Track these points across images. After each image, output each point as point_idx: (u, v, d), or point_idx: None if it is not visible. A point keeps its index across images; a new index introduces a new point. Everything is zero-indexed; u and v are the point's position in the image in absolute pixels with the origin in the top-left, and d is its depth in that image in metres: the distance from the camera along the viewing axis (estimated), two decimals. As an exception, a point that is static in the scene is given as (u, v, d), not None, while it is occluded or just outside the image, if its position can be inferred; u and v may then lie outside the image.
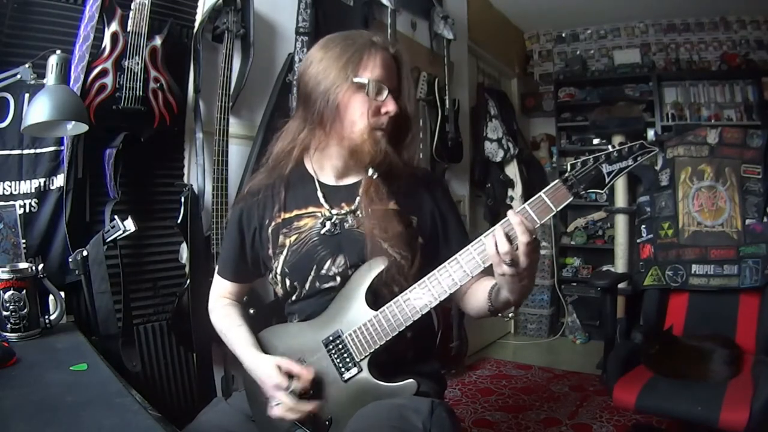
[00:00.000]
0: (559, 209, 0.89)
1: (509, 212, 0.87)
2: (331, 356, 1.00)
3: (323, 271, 1.04)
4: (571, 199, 0.90)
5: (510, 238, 0.85)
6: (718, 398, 1.61)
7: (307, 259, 1.05)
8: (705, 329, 2.04)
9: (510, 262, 0.85)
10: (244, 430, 1.07)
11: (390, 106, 1.00)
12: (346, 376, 0.99)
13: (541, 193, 0.90)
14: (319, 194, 1.08)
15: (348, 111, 1.01)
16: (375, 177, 1.05)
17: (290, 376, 0.97)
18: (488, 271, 0.92)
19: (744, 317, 2.09)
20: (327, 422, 0.98)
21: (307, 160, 1.11)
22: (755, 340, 2.01)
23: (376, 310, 0.97)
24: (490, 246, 0.86)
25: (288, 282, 1.07)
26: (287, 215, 1.08)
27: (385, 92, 1.00)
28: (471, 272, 0.91)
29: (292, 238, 1.07)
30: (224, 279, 1.19)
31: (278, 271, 1.07)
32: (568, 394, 2.78)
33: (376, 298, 1.00)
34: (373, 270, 0.99)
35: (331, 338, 1.00)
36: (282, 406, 0.95)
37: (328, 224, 1.06)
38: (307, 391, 0.97)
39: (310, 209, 1.08)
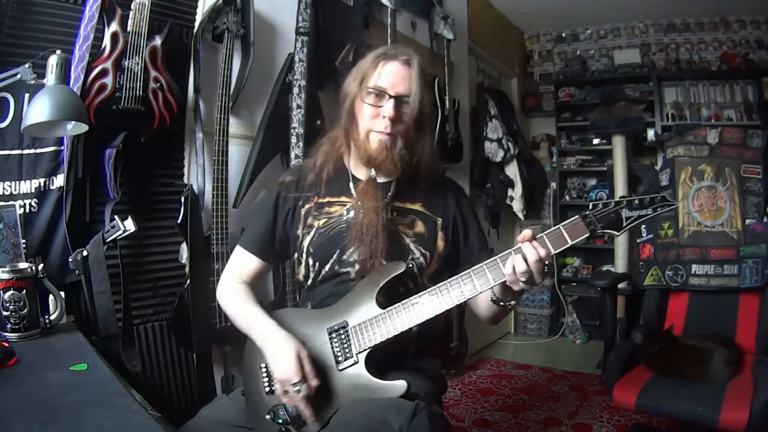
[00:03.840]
0: (573, 243, 0.95)
1: (524, 246, 0.94)
2: (332, 344, 1.04)
3: (345, 256, 1.11)
4: (587, 234, 0.95)
5: (526, 261, 0.92)
6: (718, 398, 1.61)
7: (332, 243, 1.12)
8: (705, 329, 2.04)
9: (526, 279, 0.93)
10: (244, 422, 1.08)
11: (387, 111, 1.07)
12: (342, 365, 1.02)
13: (560, 225, 0.96)
14: (351, 185, 1.16)
15: (357, 116, 1.12)
16: (373, 176, 1.13)
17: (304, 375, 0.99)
18: None
19: (744, 317, 2.09)
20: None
21: (345, 156, 1.20)
22: (755, 340, 2.01)
23: (387, 306, 1.02)
24: (508, 268, 0.94)
25: (311, 261, 1.14)
26: (320, 200, 1.17)
27: (386, 98, 1.08)
28: (480, 288, 0.97)
29: (321, 222, 1.14)
30: (248, 252, 1.20)
31: (304, 249, 1.15)
32: (568, 394, 2.78)
33: (390, 294, 1.05)
34: (389, 272, 1.05)
35: (336, 327, 1.04)
36: (289, 397, 0.98)
37: (352, 213, 1.13)
38: (310, 396, 0.99)
39: (342, 198, 1.16)
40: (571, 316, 3.96)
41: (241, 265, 1.21)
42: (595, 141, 4.25)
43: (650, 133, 4.00)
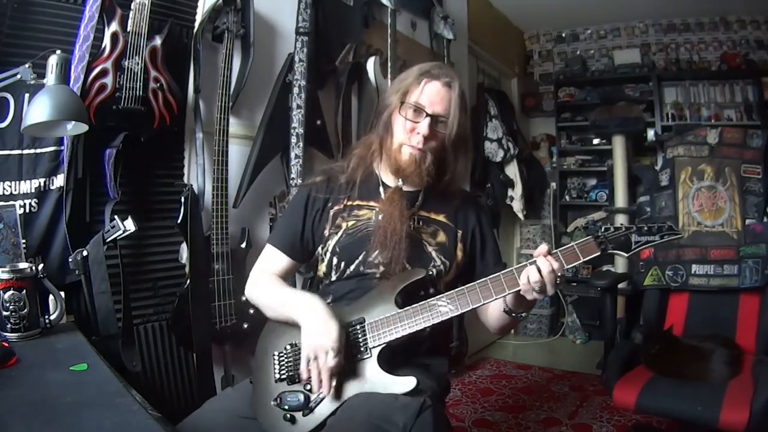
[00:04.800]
0: (585, 260, 1.02)
1: (539, 259, 0.99)
2: (348, 338, 1.06)
3: (370, 258, 1.15)
4: (598, 253, 1.02)
5: (540, 272, 0.98)
6: (718, 398, 1.61)
7: (359, 244, 1.16)
8: (705, 329, 2.04)
9: (539, 289, 0.99)
10: (249, 412, 1.09)
11: (422, 128, 1.12)
12: (355, 358, 1.05)
13: (573, 243, 1.03)
14: (381, 191, 1.21)
15: (393, 127, 1.17)
16: (400, 185, 1.18)
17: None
18: None
19: (744, 317, 2.09)
20: (320, 395, 1.03)
21: (376, 164, 1.25)
22: (755, 340, 2.01)
23: (403, 307, 1.06)
24: (523, 278, 1.00)
25: (335, 260, 1.18)
26: (350, 203, 1.21)
27: (423, 115, 1.13)
28: (495, 294, 1.03)
29: (350, 223, 1.18)
30: (277, 250, 1.25)
31: (329, 249, 1.18)
32: (568, 394, 2.78)
33: (407, 296, 1.09)
34: (409, 277, 1.10)
35: (353, 323, 1.08)
36: (315, 366, 1.00)
37: (380, 217, 1.16)
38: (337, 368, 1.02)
39: (372, 203, 1.20)
40: (571, 316, 3.96)
41: (271, 262, 1.26)
42: (595, 141, 4.25)
43: (650, 133, 4.00)
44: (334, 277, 1.19)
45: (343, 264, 1.17)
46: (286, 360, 1.10)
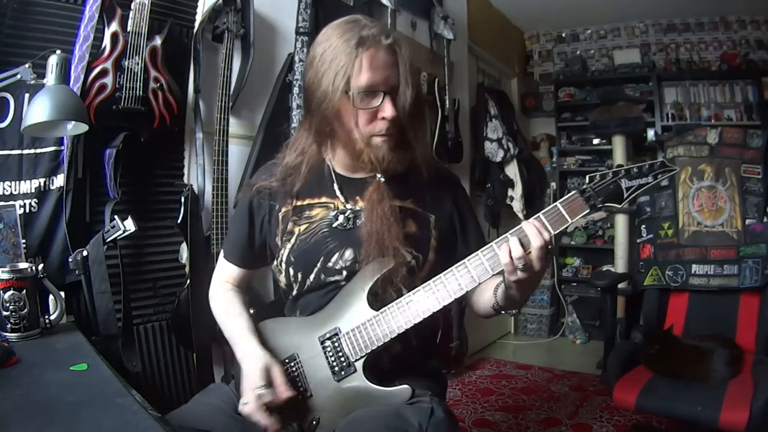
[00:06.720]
0: (574, 220, 0.89)
1: (523, 223, 0.88)
2: (326, 354, 0.98)
3: (330, 264, 1.02)
4: (587, 210, 0.90)
5: (524, 245, 0.86)
6: (718, 398, 1.61)
7: (315, 250, 1.03)
8: (705, 329, 2.05)
9: (523, 267, 0.86)
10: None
11: (387, 111, 0.94)
12: (339, 376, 0.96)
13: (557, 203, 0.90)
14: (335, 186, 1.06)
15: (344, 121, 0.98)
16: (382, 181, 1.03)
17: (271, 383, 0.95)
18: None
19: (744, 317, 2.09)
20: (314, 422, 0.95)
21: (324, 154, 1.08)
22: (755, 340, 2.01)
23: (378, 310, 0.95)
24: (504, 254, 0.87)
25: (292, 271, 1.05)
26: (299, 203, 1.06)
27: (380, 97, 0.94)
28: (478, 278, 0.91)
29: (302, 227, 1.04)
30: (230, 263, 1.17)
31: (284, 258, 1.05)
32: (568, 394, 2.78)
33: (382, 297, 0.98)
34: (378, 269, 0.97)
35: (327, 335, 0.98)
36: (248, 406, 0.93)
37: (341, 218, 1.03)
38: (276, 406, 0.93)
39: (324, 199, 1.06)
40: (571, 316, 3.96)
41: (226, 272, 1.19)
42: (595, 141, 4.25)
43: (650, 133, 3.99)
44: (295, 291, 1.07)
45: (300, 275, 1.04)
46: None
